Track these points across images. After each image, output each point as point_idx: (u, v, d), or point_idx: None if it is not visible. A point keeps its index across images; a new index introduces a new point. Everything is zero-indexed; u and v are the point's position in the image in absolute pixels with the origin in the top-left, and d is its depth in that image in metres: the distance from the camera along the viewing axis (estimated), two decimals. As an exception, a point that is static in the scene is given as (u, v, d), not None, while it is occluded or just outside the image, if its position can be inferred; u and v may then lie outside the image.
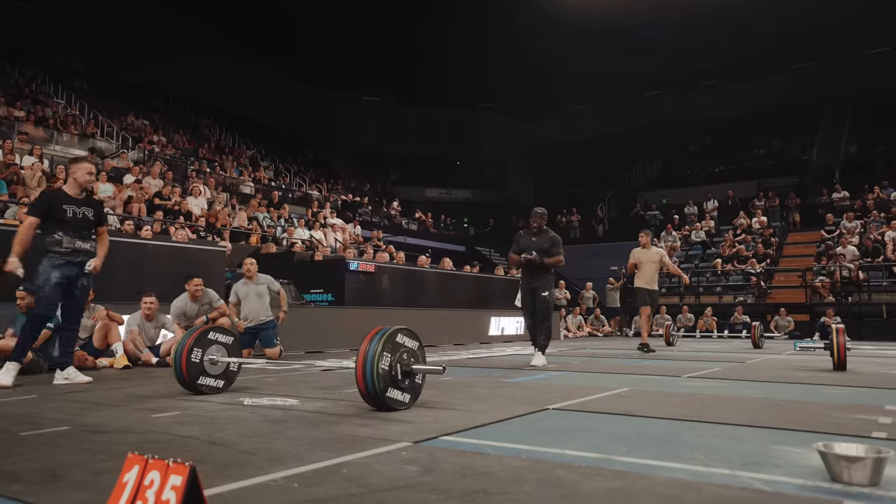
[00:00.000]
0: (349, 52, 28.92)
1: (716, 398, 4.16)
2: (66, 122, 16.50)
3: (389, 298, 10.88)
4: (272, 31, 27.65)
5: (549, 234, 6.82)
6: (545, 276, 6.70)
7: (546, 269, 6.68)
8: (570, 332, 15.86)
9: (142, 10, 24.76)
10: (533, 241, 6.74)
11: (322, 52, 28.79)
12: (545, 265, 6.63)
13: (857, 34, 26.09)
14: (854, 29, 25.52)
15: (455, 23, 27.53)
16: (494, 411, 3.47)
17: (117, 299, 6.90)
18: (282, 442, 2.62)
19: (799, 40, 26.50)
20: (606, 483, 2.01)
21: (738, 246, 18.75)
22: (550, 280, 6.77)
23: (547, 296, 6.62)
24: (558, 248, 6.73)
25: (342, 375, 5.43)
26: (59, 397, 4.13)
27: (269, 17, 26.56)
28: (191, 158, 18.46)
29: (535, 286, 6.66)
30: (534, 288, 6.66)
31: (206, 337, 4.24)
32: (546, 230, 6.83)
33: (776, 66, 28.80)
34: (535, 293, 6.64)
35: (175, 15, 25.72)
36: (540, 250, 6.61)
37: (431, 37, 28.29)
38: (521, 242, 6.81)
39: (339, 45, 28.45)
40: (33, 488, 1.93)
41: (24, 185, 10.57)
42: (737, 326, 15.18)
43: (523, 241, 6.79)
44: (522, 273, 6.94)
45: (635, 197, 26.44)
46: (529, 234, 6.84)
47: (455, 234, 26.27)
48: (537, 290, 6.63)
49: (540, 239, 6.75)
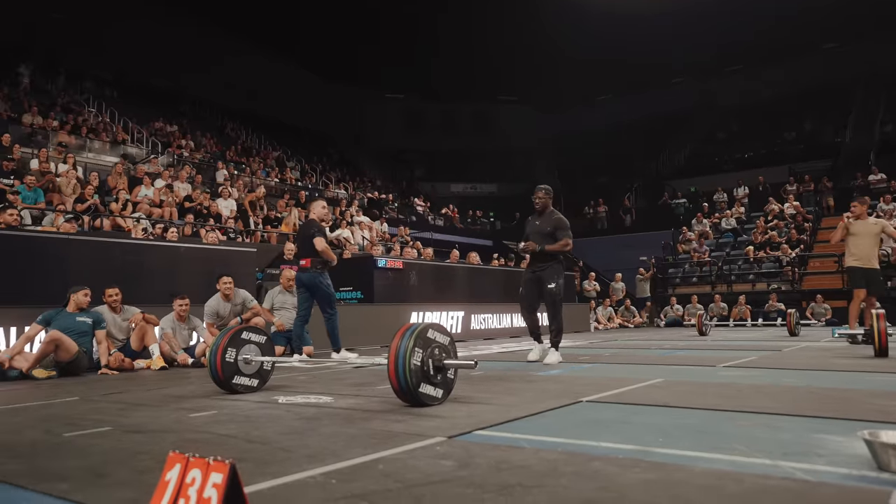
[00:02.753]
0: (371, 50, 29.06)
1: (753, 387, 4.08)
2: (98, 129, 16.85)
3: (418, 294, 10.91)
4: (295, 32, 27.90)
5: (554, 215, 6.11)
6: (551, 264, 6.02)
7: (551, 256, 6.03)
8: (600, 324, 15.73)
9: (166, 16, 25.16)
10: (536, 224, 6.14)
11: (344, 50, 28.96)
12: (548, 252, 5.98)
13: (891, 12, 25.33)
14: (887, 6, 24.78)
15: (474, 15, 27.46)
16: (527, 405, 3.45)
17: (151, 302, 7.04)
18: (317, 439, 2.65)
19: (828, 20, 25.84)
20: (644, 475, 1.99)
21: (770, 232, 18.39)
22: (557, 269, 6.06)
23: (554, 287, 5.95)
24: (564, 231, 6.01)
25: (374, 372, 5.46)
26: (99, 399, 4.22)
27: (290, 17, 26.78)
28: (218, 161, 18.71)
29: (539, 276, 6.03)
30: (538, 277, 6.03)
31: (239, 337, 4.30)
32: (552, 211, 6.15)
33: (805, 48, 28.12)
34: (541, 284, 6.02)
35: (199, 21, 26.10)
36: (542, 234, 6.02)
37: (451, 30, 28.28)
38: (527, 227, 6.25)
39: (361, 43, 28.59)
40: (79, 487, 1.98)
41: (59, 193, 10.83)
42: (771, 314, 14.91)
43: (529, 226, 6.23)
44: (527, 261, 6.28)
45: (663, 186, 26.11)
46: (535, 216, 6.22)
47: (481, 228, 26.24)
48: (542, 280, 6.00)
49: (543, 222, 6.10)
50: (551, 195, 6.24)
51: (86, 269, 6.81)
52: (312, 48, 29.03)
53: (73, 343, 5.79)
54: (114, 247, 7.55)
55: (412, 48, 29.23)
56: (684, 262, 19.24)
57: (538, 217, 6.18)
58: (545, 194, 6.18)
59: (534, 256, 6.10)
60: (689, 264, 18.98)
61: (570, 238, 6.07)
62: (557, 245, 5.99)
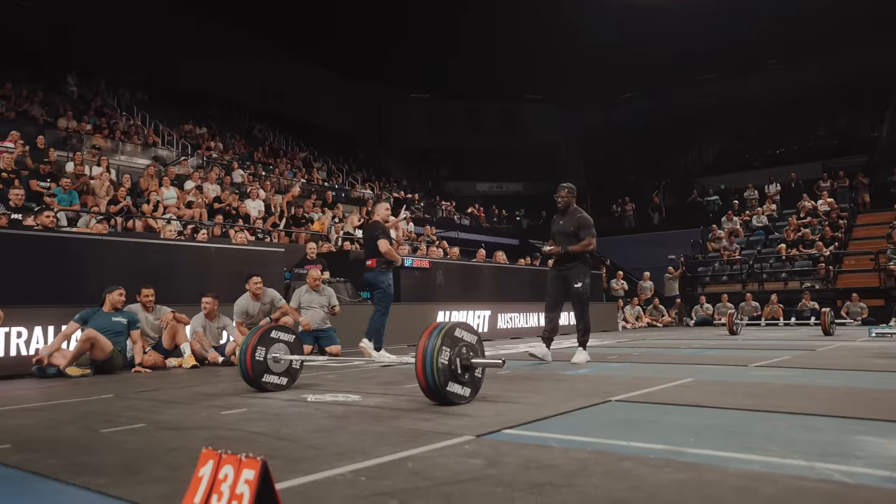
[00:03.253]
0: (395, 50, 29.14)
1: (787, 387, 4.00)
2: (130, 132, 17.18)
3: (445, 294, 10.92)
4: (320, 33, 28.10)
5: (577, 214, 6.08)
6: (576, 263, 6.02)
7: (576, 255, 6.02)
8: (629, 323, 15.57)
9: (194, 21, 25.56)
10: (560, 223, 6.11)
11: (369, 51, 29.09)
12: (572, 252, 5.97)
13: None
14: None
15: (498, 13, 27.36)
16: (556, 404, 3.44)
17: (182, 301, 7.16)
18: (346, 437, 2.66)
19: (863, 12, 25.18)
20: (676, 475, 1.96)
21: (803, 230, 18.00)
22: (583, 268, 6.06)
23: (581, 287, 5.95)
24: (587, 230, 5.97)
25: (401, 371, 5.48)
26: (133, 396, 4.31)
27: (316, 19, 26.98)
28: (246, 162, 18.96)
29: (564, 275, 6.03)
30: (563, 276, 6.03)
31: (269, 336, 4.35)
32: (574, 210, 6.12)
33: (838, 42, 27.42)
34: (567, 283, 6.01)
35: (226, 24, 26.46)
36: (566, 234, 5.99)
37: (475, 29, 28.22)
38: (552, 226, 6.26)
39: (386, 43, 28.69)
40: (116, 482, 2.02)
41: (93, 195, 11.07)
42: (804, 313, 14.59)
43: (553, 226, 6.23)
44: (553, 259, 6.24)
45: (692, 183, 25.73)
46: (559, 214, 6.21)
47: (508, 227, 26.15)
48: (568, 279, 6.00)
49: (566, 221, 6.07)
50: (574, 194, 6.17)
51: (119, 269, 6.96)
52: (338, 49, 29.23)
53: (108, 342, 5.92)
54: (146, 247, 7.69)
55: (437, 48, 29.24)
56: (714, 261, 18.95)
57: (561, 216, 6.15)
58: (568, 193, 6.12)
59: (559, 256, 6.06)
60: (719, 262, 18.69)
61: (593, 237, 6.03)
62: (580, 245, 5.96)
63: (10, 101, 15.71)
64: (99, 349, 5.87)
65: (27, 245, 6.61)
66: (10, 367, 5.78)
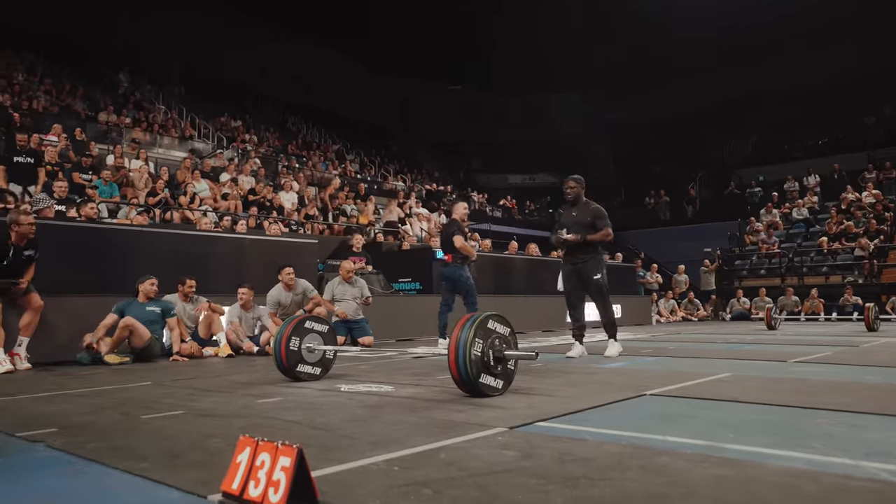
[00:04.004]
0: (426, 42, 29.11)
1: (829, 384, 3.90)
2: (167, 125, 17.52)
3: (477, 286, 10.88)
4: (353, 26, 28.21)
5: (591, 205, 5.99)
6: (592, 255, 5.89)
7: (593, 247, 5.89)
8: (663, 317, 15.37)
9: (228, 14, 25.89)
10: (573, 215, 5.96)
11: (400, 43, 29.10)
12: (589, 242, 5.84)
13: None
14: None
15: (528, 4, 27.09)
16: (589, 397, 3.40)
17: (217, 292, 7.28)
18: (380, 427, 2.68)
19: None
20: (715, 470, 1.93)
21: (846, 223, 17.49)
22: (599, 259, 5.97)
23: (600, 279, 5.84)
24: (603, 220, 5.86)
25: (433, 362, 5.50)
26: (171, 384, 4.40)
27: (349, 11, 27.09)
28: (280, 155, 19.17)
29: (580, 268, 5.88)
30: (579, 270, 5.88)
31: (302, 326, 4.39)
32: (587, 202, 6.02)
33: (886, 24, 26.42)
34: (584, 276, 5.87)
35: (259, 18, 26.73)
36: (582, 225, 5.86)
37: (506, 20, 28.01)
38: (561, 219, 6.08)
39: (416, 35, 28.66)
40: (157, 467, 2.07)
41: (132, 187, 11.32)
42: (846, 309, 14.21)
43: (564, 217, 6.06)
44: (565, 253, 6.11)
45: (729, 175, 25.19)
46: (568, 207, 6.08)
47: (540, 219, 26.00)
48: (585, 273, 5.86)
49: (580, 212, 5.94)
50: (583, 185, 6.08)
51: (158, 259, 7.11)
52: (370, 42, 29.32)
53: (146, 330, 6.07)
54: (183, 238, 7.85)
55: (468, 39, 29.11)
56: (752, 254, 18.55)
57: (572, 207, 6.03)
58: (576, 184, 6.02)
59: (573, 248, 5.91)
60: (757, 256, 18.29)
61: (610, 227, 5.92)
62: (599, 234, 5.85)
63: (53, 96, 16.13)
64: (137, 337, 6.02)
65: (71, 236, 6.79)
66: (51, 354, 5.96)
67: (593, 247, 5.91)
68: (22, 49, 18.77)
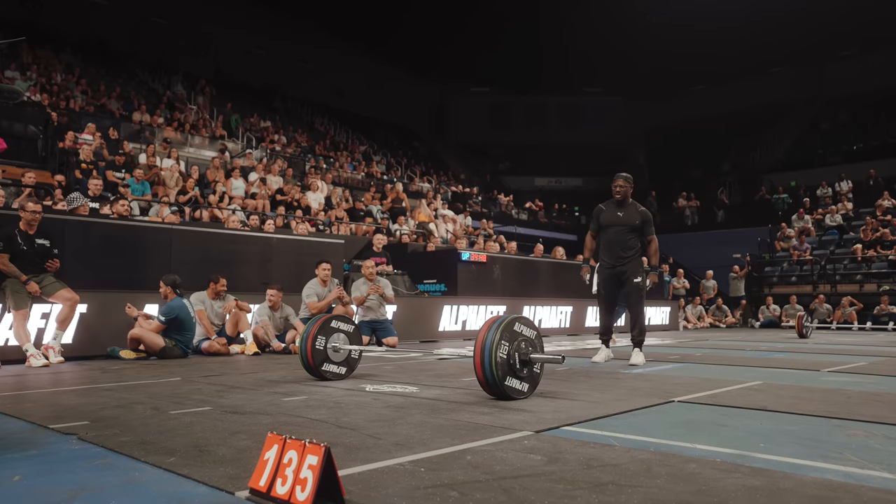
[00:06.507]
0: (455, 44, 29.10)
1: (865, 395, 3.80)
2: (198, 125, 17.78)
3: (502, 288, 10.87)
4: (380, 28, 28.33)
5: (639, 207, 5.75)
6: (635, 258, 5.66)
7: (636, 249, 5.69)
8: (690, 323, 15.15)
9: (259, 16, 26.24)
10: (619, 215, 5.68)
11: (429, 45, 29.14)
12: (632, 246, 5.63)
13: None
14: None
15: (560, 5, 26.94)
16: (616, 402, 3.36)
17: (245, 290, 7.37)
18: (405, 427, 2.68)
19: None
20: (746, 480, 1.88)
21: (882, 230, 17.06)
22: (642, 263, 5.75)
23: (640, 282, 5.62)
24: (650, 225, 5.69)
25: (458, 364, 5.49)
26: (199, 380, 4.46)
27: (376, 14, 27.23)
28: (308, 155, 19.33)
29: (620, 271, 5.66)
30: (620, 272, 5.66)
31: (329, 325, 4.42)
32: (633, 203, 5.75)
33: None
34: (625, 279, 5.65)
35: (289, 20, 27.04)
36: (630, 227, 5.63)
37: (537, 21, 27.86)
38: (602, 218, 5.78)
39: (446, 37, 28.68)
40: (185, 462, 2.09)
41: (164, 186, 11.51)
42: (882, 318, 13.86)
43: (606, 216, 5.75)
44: (602, 255, 5.82)
45: (760, 180, 24.74)
46: (613, 206, 5.76)
47: (566, 222, 25.82)
48: (626, 275, 5.63)
49: (627, 213, 5.67)
50: (632, 184, 5.77)
51: (188, 256, 7.22)
52: (398, 44, 29.41)
53: (155, 341, 6.12)
54: (213, 237, 7.95)
55: (497, 41, 29.06)
56: (782, 261, 18.19)
57: (618, 207, 5.73)
58: (626, 182, 5.72)
59: (613, 251, 5.69)
60: (788, 263, 17.93)
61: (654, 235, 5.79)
62: (654, 248, 5.70)
63: (89, 96, 16.48)
64: (147, 346, 6.15)
65: (105, 233, 6.92)
66: (82, 349, 6.08)
67: (637, 249, 5.71)
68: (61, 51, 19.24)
